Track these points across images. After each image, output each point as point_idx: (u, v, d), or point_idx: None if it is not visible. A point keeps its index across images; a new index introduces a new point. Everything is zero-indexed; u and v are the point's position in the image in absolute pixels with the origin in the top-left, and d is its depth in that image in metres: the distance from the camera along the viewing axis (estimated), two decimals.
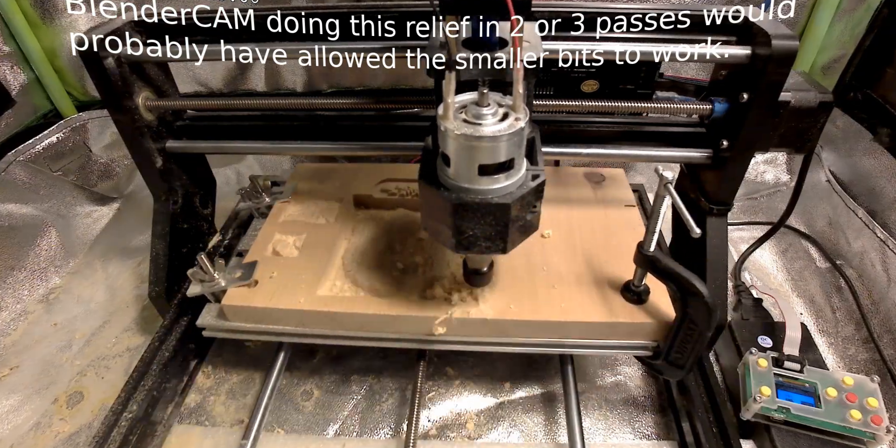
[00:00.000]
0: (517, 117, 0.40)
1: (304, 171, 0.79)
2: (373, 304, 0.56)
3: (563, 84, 0.63)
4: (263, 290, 0.58)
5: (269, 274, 0.60)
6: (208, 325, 0.60)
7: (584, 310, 0.55)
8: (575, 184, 0.74)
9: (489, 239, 0.44)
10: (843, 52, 0.84)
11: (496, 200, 0.41)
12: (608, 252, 0.62)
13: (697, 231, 0.45)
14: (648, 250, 0.51)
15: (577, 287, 0.57)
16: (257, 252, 0.64)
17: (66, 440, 0.62)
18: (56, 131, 0.94)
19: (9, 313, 0.79)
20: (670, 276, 0.50)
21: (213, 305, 0.61)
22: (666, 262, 0.50)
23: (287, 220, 0.69)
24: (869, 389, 0.56)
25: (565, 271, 0.59)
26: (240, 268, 0.61)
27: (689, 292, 0.49)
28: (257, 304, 0.57)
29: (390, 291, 0.58)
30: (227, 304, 0.58)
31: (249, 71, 0.96)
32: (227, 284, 0.59)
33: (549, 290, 0.57)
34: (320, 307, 0.56)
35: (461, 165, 0.41)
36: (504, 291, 0.57)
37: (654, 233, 0.50)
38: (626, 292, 0.56)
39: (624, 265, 0.58)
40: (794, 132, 0.56)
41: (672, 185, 0.47)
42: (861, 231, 0.78)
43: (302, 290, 0.58)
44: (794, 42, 0.48)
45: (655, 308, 0.55)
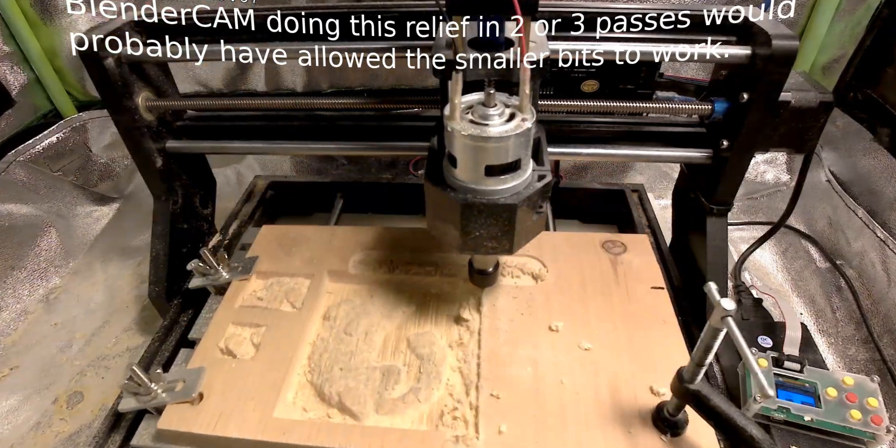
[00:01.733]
0: (524, 118, 0.40)
1: (270, 234, 0.68)
2: (339, 434, 0.45)
3: (563, 84, 0.63)
4: (209, 408, 0.48)
5: (218, 383, 0.50)
6: (144, 447, 0.49)
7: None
8: (589, 258, 0.62)
9: (495, 239, 0.44)
10: (843, 52, 0.84)
11: (503, 201, 0.41)
12: (633, 357, 0.51)
13: (771, 393, 0.37)
14: (693, 383, 0.41)
15: (596, 413, 0.46)
16: (206, 351, 0.54)
17: (66, 440, 0.62)
18: (56, 131, 0.94)
19: (9, 313, 0.79)
20: (719, 419, 0.40)
21: (149, 422, 0.50)
22: (715, 402, 0.40)
23: (245, 306, 0.59)
24: (869, 389, 0.56)
25: (581, 387, 0.48)
26: (183, 377, 0.51)
27: (743, 443, 0.39)
28: (199, 429, 0.47)
29: (364, 413, 0.47)
30: (164, 429, 0.47)
31: (249, 71, 0.96)
32: (167, 398, 0.49)
33: (563, 420, 0.46)
34: (276, 437, 0.46)
35: (468, 166, 0.41)
36: (507, 418, 0.46)
37: (701, 366, 0.40)
38: (658, 422, 0.45)
39: (653, 378, 0.48)
40: (794, 132, 0.56)
41: (732, 317, 0.36)
42: (861, 231, 0.78)
43: (256, 410, 0.47)
44: (794, 42, 0.48)
45: (694, 446, 0.44)
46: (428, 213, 0.47)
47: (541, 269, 0.61)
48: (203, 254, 0.58)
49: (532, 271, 0.61)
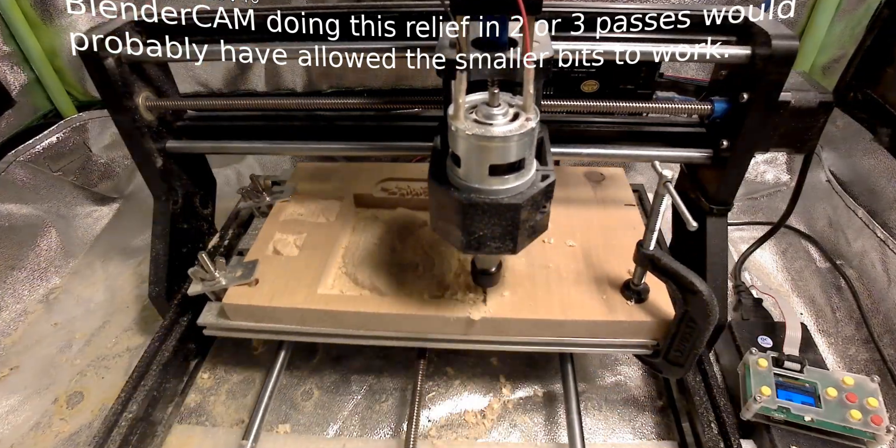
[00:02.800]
0: (528, 117, 0.40)
1: (305, 170, 0.79)
2: (373, 303, 0.57)
3: (563, 84, 0.63)
4: (264, 288, 0.58)
5: (270, 272, 0.60)
6: (209, 323, 0.60)
7: (583, 309, 0.55)
8: (575, 183, 0.74)
9: (499, 239, 0.44)
10: (843, 52, 0.85)
11: (506, 201, 0.41)
12: (608, 251, 0.62)
13: (694, 224, 0.45)
14: (648, 249, 0.51)
15: (577, 286, 0.58)
16: (258, 251, 0.64)
17: (67, 440, 0.62)
18: (56, 131, 0.94)
19: (9, 313, 0.79)
20: (669, 274, 0.50)
21: (213, 304, 0.61)
22: (665, 261, 0.50)
23: (287, 220, 0.69)
24: (869, 389, 0.56)
25: (565, 271, 0.59)
26: (240, 267, 0.61)
27: (688, 290, 0.49)
28: (258, 302, 0.57)
29: (390, 290, 0.58)
30: (228, 303, 0.58)
31: (249, 71, 0.96)
32: (227, 283, 0.59)
33: (549, 289, 0.57)
34: (321, 306, 0.56)
35: (472, 165, 0.41)
36: (504, 290, 0.57)
37: (653, 231, 0.50)
38: (625, 291, 0.57)
39: (624, 264, 0.59)
40: (794, 132, 0.56)
41: (672, 183, 0.47)
42: (861, 231, 0.78)
43: (303, 289, 0.58)
44: (794, 42, 0.48)
45: (655, 307, 0.55)
46: (431, 213, 0.47)
47: None
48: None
49: None
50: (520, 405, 0.64)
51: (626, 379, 0.67)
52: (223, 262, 0.60)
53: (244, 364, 0.70)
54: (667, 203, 0.48)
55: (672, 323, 0.53)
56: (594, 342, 0.57)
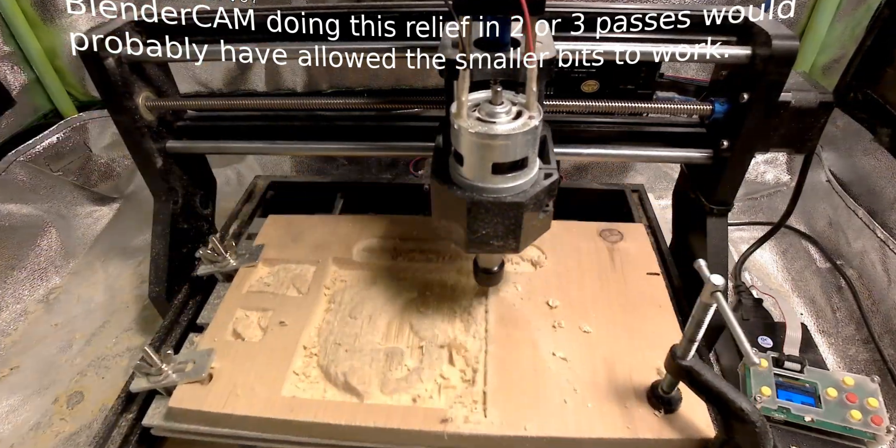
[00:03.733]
0: (531, 115, 0.40)
1: (277, 225, 0.70)
2: (346, 411, 0.47)
3: (563, 84, 0.63)
4: (218, 388, 0.49)
5: (226, 364, 0.52)
6: (156, 426, 0.50)
7: (603, 422, 0.45)
8: (588, 245, 0.64)
9: (502, 238, 0.44)
10: (843, 53, 0.84)
11: (509, 199, 0.41)
12: (631, 340, 0.52)
13: (755, 360, 0.39)
14: (685, 359, 0.42)
15: (594, 390, 0.48)
16: (215, 333, 0.55)
17: (67, 440, 0.62)
18: (56, 131, 0.94)
19: (9, 313, 0.79)
20: (712, 395, 0.41)
21: (161, 402, 0.52)
22: (708, 378, 0.41)
23: (252, 292, 0.60)
24: (869, 390, 0.56)
25: (579, 368, 0.50)
26: (193, 358, 0.52)
27: (735, 418, 0.40)
28: (210, 407, 0.48)
29: (369, 392, 0.48)
30: (175, 407, 0.49)
31: (249, 71, 0.96)
32: (177, 378, 0.51)
33: (561, 394, 0.48)
34: (283, 414, 0.47)
35: (475, 164, 0.41)
36: (508, 395, 0.48)
37: (693, 342, 0.41)
38: (653, 399, 0.47)
39: (649, 359, 0.50)
40: (794, 132, 0.56)
41: (723, 293, 0.38)
42: (861, 231, 0.78)
43: (264, 389, 0.49)
44: (794, 42, 0.48)
45: (689, 422, 0.45)
46: (434, 212, 0.47)
47: (539, 256, 0.63)
48: (212, 240, 0.59)
49: (531, 258, 0.63)
50: None
51: None
52: (171, 355, 0.52)
53: None
54: (711, 314, 0.39)
55: (712, 445, 0.44)
56: None
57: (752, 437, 0.40)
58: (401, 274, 0.61)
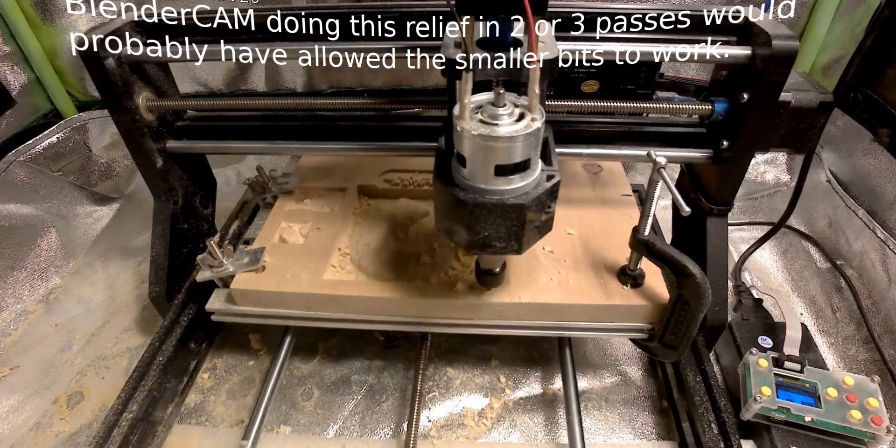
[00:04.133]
0: (533, 117, 0.40)
1: (309, 163, 0.81)
2: (377, 288, 0.58)
3: (563, 84, 0.63)
4: (271, 275, 0.60)
5: (276, 259, 0.61)
6: (217, 309, 0.60)
7: (581, 293, 0.56)
8: (573, 174, 0.75)
9: (504, 239, 0.44)
10: (843, 53, 0.84)
11: (512, 201, 0.41)
12: (605, 239, 0.63)
13: (687, 209, 0.46)
14: (643, 234, 0.52)
15: (575, 272, 0.59)
16: (264, 239, 0.65)
17: (67, 440, 0.62)
18: (56, 131, 0.94)
19: (9, 313, 0.79)
20: (664, 258, 0.51)
21: (221, 292, 0.62)
22: (660, 245, 0.51)
23: (292, 210, 0.70)
24: (869, 390, 0.56)
25: (564, 257, 0.61)
26: (247, 254, 0.62)
27: (681, 274, 0.50)
28: (265, 288, 0.58)
29: (394, 277, 0.59)
30: (236, 289, 0.59)
31: (249, 71, 0.96)
32: (235, 270, 0.60)
33: (548, 274, 0.59)
34: (326, 290, 0.58)
35: (477, 166, 0.40)
36: (506, 277, 0.57)
37: (648, 217, 0.51)
38: (622, 276, 0.58)
39: (620, 251, 0.60)
40: (794, 132, 0.56)
41: (665, 169, 0.48)
42: (861, 231, 0.78)
43: (308, 275, 0.59)
44: (794, 42, 0.48)
45: (650, 291, 0.56)
46: (436, 213, 0.47)
47: None
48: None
49: None
50: (520, 405, 0.64)
51: (627, 379, 0.67)
52: (230, 249, 0.61)
53: (244, 364, 0.70)
54: (660, 188, 0.49)
55: (667, 306, 0.54)
56: (592, 326, 0.58)
57: (695, 287, 0.49)
58: (416, 196, 0.72)
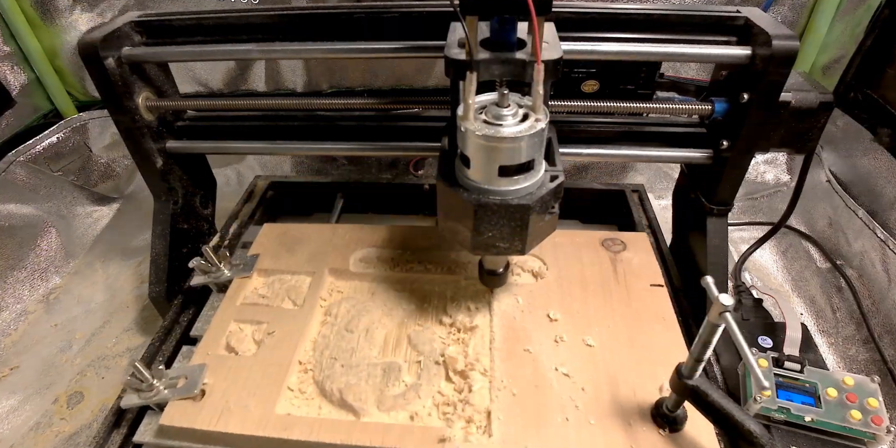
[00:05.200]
0: (537, 118, 0.40)
1: (272, 234, 0.68)
2: (342, 430, 0.46)
3: (563, 84, 0.63)
4: (210, 405, 0.48)
5: (219, 380, 0.50)
6: (147, 443, 0.49)
7: (605, 441, 0.45)
8: (590, 254, 0.63)
9: (507, 240, 0.44)
10: (843, 53, 0.84)
11: (516, 201, 0.41)
12: (634, 355, 0.51)
13: (766, 384, 0.37)
14: (691, 379, 0.41)
15: (597, 406, 0.47)
16: (208, 347, 0.54)
17: (67, 440, 0.62)
18: (56, 131, 0.94)
19: (9, 313, 0.79)
20: (719, 417, 0.41)
21: (153, 417, 0.51)
22: (714, 398, 0.40)
23: (246, 304, 0.59)
24: (869, 390, 0.56)
25: (582, 383, 0.49)
26: (185, 373, 0.51)
27: (741, 438, 0.40)
28: (201, 425, 0.47)
29: (366, 409, 0.48)
30: (166, 425, 0.48)
31: (249, 71, 0.96)
32: (168, 395, 0.50)
33: (563, 410, 0.47)
34: (277, 433, 0.46)
35: (481, 166, 0.40)
36: (509, 413, 0.47)
37: (700, 361, 0.40)
38: (657, 417, 0.46)
39: (653, 375, 0.49)
40: (794, 132, 0.56)
41: (731, 313, 0.37)
42: (861, 231, 0.78)
43: (257, 406, 0.48)
44: (794, 42, 0.48)
45: (693, 442, 0.44)
46: (439, 213, 0.47)
47: (541, 267, 0.62)
48: (205, 251, 0.58)
49: (532, 269, 0.62)
50: None
51: None
52: (162, 370, 0.52)
53: None
54: (719, 333, 0.39)
55: None
56: None
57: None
58: (399, 285, 0.60)
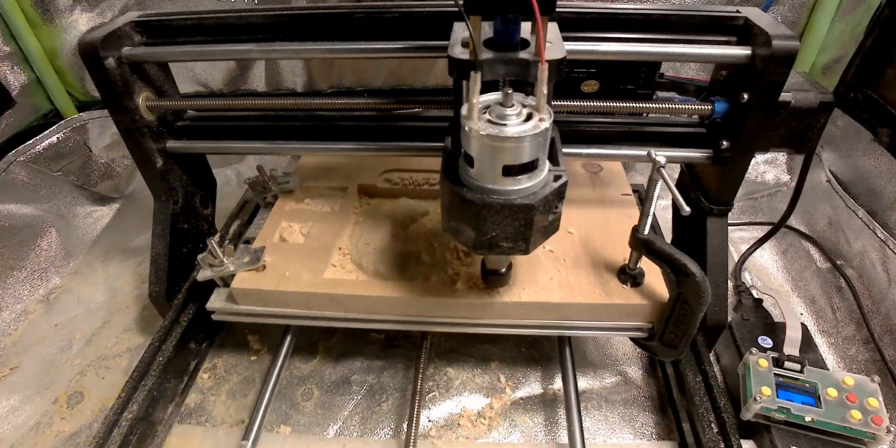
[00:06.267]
0: (541, 118, 0.40)
1: (309, 163, 0.81)
2: (377, 287, 0.58)
3: (563, 84, 0.63)
4: (271, 274, 0.60)
5: (276, 258, 0.62)
6: (218, 308, 0.60)
7: (581, 292, 0.57)
8: (573, 173, 0.75)
9: (511, 240, 0.44)
10: (843, 53, 0.84)
11: (519, 201, 0.41)
12: (605, 238, 0.63)
13: (687, 209, 0.46)
14: (643, 233, 0.52)
15: (575, 271, 0.59)
16: (265, 238, 0.65)
17: (67, 440, 0.62)
18: (56, 131, 0.94)
19: (9, 313, 0.79)
20: (663, 257, 0.51)
21: (221, 291, 0.62)
22: (659, 245, 0.51)
23: (293, 209, 0.71)
24: (869, 390, 0.56)
25: (564, 256, 0.61)
26: (248, 253, 0.62)
27: (681, 273, 0.50)
28: (265, 286, 0.58)
29: (394, 276, 0.59)
30: (237, 288, 0.59)
31: (249, 71, 0.96)
32: (236, 269, 0.60)
33: (548, 273, 0.59)
34: (326, 290, 0.58)
35: (485, 166, 0.40)
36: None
37: (648, 216, 0.51)
38: (621, 275, 0.58)
39: (620, 251, 0.60)
40: (794, 132, 0.56)
41: (664, 168, 0.47)
42: (861, 231, 0.78)
43: (309, 274, 0.59)
44: (794, 42, 0.48)
45: (650, 290, 0.57)
46: (443, 213, 0.47)
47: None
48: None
49: None
50: (520, 405, 0.64)
51: (627, 379, 0.67)
52: (231, 249, 0.61)
53: (244, 364, 0.70)
54: (660, 187, 0.49)
55: (666, 305, 0.54)
56: (592, 325, 0.58)
57: (695, 286, 0.49)
58: (416, 196, 0.72)
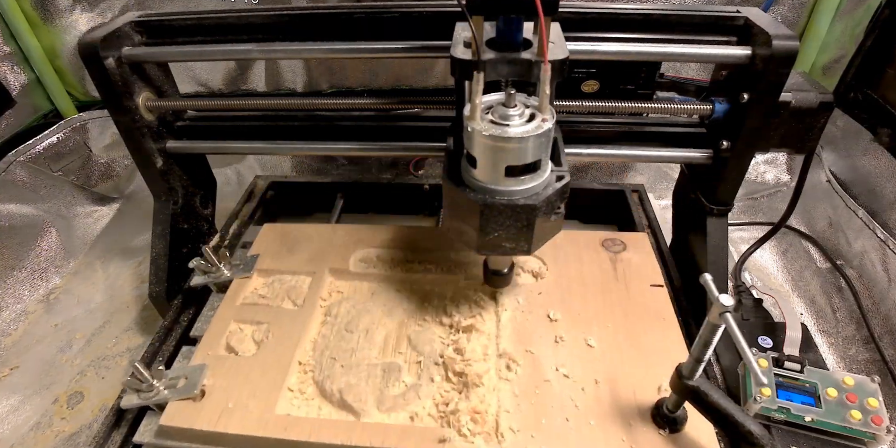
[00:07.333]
0: (544, 118, 0.40)
1: (272, 234, 0.68)
2: (342, 429, 0.45)
3: (563, 84, 0.63)
4: (210, 405, 0.48)
5: (219, 380, 0.50)
6: (147, 443, 0.49)
7: (605, 442, 0.45)
8: (590, 254, 0.63)
9: (514, 240, 0.44)
10: (843, 53, 0.84)
11: (522, 201, 0.41)
12: (634, 354, 0.51)
13: (764, 381, 0.37)
14: (691, 379, 0.41)
15: (597, 407, 0.47)
16: (208, 347, 0.54)
17: (67, 440, 0.62)
18: (56, 131, 0.94)
19: (9, 313, 0.79)
20: (719, 417, 0.41)
21: (152, 419, 0.50)
22: (715, 399, 0.40)
23: (246, 304, 0.59)
24: (869, 390, 0.56)
25: (583, 384, 0.49)
26: (184, 374, 0.51)
27: (742, 439, 0.40)
28: (201, 426, 0.46)
29: (367, 408, 0.47)
30: (166, 425, 0.47)
31: (249, 71, 0.96)
32: (168, 395, 0.49)
33: (563, 410, 0.47)
34: (277, 433, 0.45)
35: (488, 166, 0.40)
36: (508, 413, 0.47)
37: (700, 362, 0.40)
38: (657, 417, 0.46)
39: (654, 375, 0.49)
40: (794, 132, 0.56)
41: (731, 313, 0.37)
42: (861, 231, 0.78)
43: (257, 406, 0.48)
44: (794, 42, 0.48)
45: (693, 442, 0.44)
46: (445, 213, 0.47)
47: (541, 267, 0.62)
48: (205, 251, 0.58)
49: (532, 269, 0.62)
50: None
51: None
52: (162, 371, 0.51)
53: None
54: (720, 334, 0.39)
55: None
56: None
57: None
58: (399, 285, 0.60)
